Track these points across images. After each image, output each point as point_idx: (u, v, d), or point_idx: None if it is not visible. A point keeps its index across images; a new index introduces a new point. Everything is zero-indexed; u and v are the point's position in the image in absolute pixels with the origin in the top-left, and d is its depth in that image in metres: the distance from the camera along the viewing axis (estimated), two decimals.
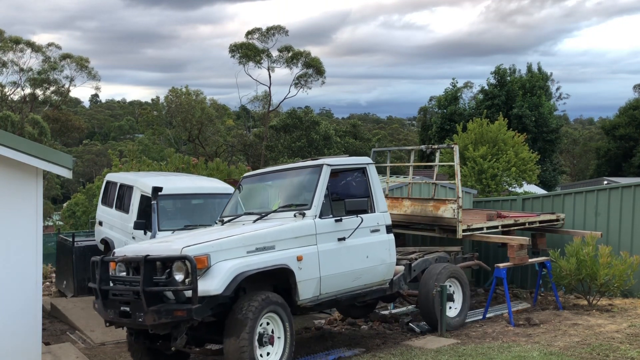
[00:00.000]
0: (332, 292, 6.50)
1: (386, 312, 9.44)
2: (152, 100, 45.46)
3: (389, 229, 7.24)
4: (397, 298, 8.34)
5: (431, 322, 7.74)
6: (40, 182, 7.09)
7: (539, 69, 36.02)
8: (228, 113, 53.76)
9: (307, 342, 7.83)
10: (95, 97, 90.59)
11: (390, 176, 10.90)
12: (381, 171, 15.04)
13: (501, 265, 8.26)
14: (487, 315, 8.47)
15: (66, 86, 42.66)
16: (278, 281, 6.17)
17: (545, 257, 8.89)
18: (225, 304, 5.72)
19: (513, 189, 21.59)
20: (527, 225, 9.89)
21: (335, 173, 6.98)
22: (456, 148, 9.05)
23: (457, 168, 8.76)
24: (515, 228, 9.82)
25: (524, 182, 22.00)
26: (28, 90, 41.68)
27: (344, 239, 6.61)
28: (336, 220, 6.59)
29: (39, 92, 41.91)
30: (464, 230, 8.79)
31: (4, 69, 39.88)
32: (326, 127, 34.61)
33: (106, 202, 11.91)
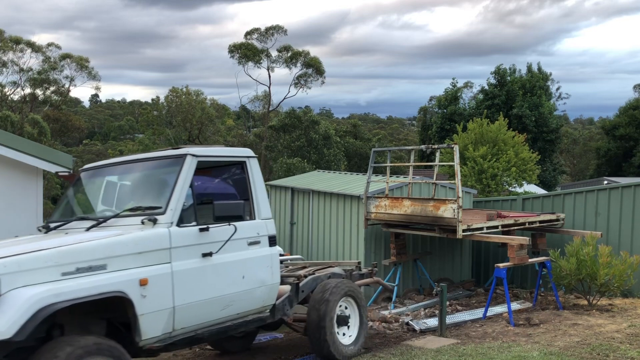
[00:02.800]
0: (191, 327, 4.98)
1: (386, 312, 9.44)
2: (152, 100, 45.43)
3: (272, 241, 5.80)
4: (280, 325, 6.76)
5: (323, 354, 6.20)
6: (40, 182, 7.10)
7: (539, 68, 36.01)
8: (228, 113, 53.81)
9: (307, 341, 7.82)
10: (95, 97, 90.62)
11: (390, 176, 10.90)
12: (381, 171, 15.07)
13: (501, 265, 8.27)
14: (487, 315, 8.47)
15: (66, 86, 42.69)
16: (115, 313, 4.59)
17: (545, 257, 8.90)
18: (31, 348, 4.02)
19: (513, 189, 21.57)
20: (527, 225, 9.91)
21: (204, 168, 5.75)
22: (456, 148, 9.05)
23: (457, 168, 8.76)
24: (515, 228, 9.84)
25: (524, 182, 21.99)
26: (28, 90, 41.72)
27: (210, 254, 5.09)
28: (201, 230, 5.05)
29: (39, 92, 41.92)
30: (464, 230, 8.80)
31: (4, 69, 39.91)
32: (326, 126, 34.56)
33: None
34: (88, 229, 4.99)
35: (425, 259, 11.08)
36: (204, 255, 5.08)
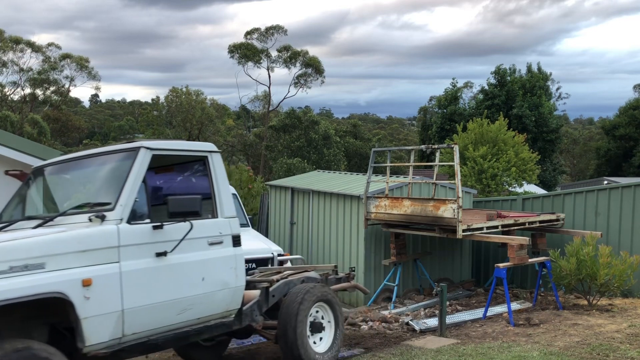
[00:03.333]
0: (143, 332, 4.63)
1: (386, 312, 9.44)
2: (152, 100, 45.50)
3: (236, 241, 5.49)
4: (252, 334, 6.34)
5: None
6: None
7: (539, 68, 36.03)
8: (228, 113, 53.83)
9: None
10: (95, 97, 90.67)
11: (390, 176, 10.90)
12: (381, 171, 15.07)
13: (501, 265, 8.27)
14: (487, 315, 8.47)
15: (66, 86, 42.76)
16: (58, 317, 4.30)
17: (545, 257, 8.90)
18: None
19: (513, 189, 21.58)
20: (527, 225, 9.91)
21: (161, 163, 5.50)
22: (456, 148, 9.05)
23: (457, 168, 8.76)
24: (515, 228, 9.84)
25: (524, 182, 22.00)
26: (28, 90, 41.78)
27: (165, 253, 4.79)
28: (155, 227, 4.76)
29: (39, 92, 41.98)
30: (464, 230, 8.80)
31: (4, 69, 39.94)
32: (326, 126, 34.58)
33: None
34: (34, 228, 4.68)
35: (425, 259, 11.08)
36: (158, 254, 4.76)
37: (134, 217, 4.66)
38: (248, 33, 39.13)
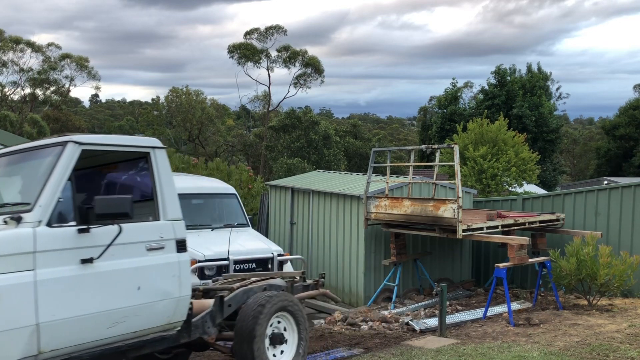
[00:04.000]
0: (65, 349, 4.14)
1: (386, 312, 9.44)
2: (152, 100, 45.52)
3: (181, 246, 4.97)
4: (208, 348, 5.90)
5: None
6: None
7: (539, 68, 36.04)
8: (228, 113, 53.84)
9: None
10: (95, 97, 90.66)
11: (391, 176, 10.90)
12: (381, 171, 15.06)
13: (501, 265, 8.27)
14: (487, 315, 8.47)
15: (66, 86, 42.78)
16: None
17: (545, 257, 8.90)
18: None
19: (513, 189, 21.58)
20: (527, 225, 9.91)
21: (99, 160, 5.04)
22: (456, 148, 9.05)
23: (457, 168, 8.76)
24: (515, 228, 9.84)
25: (524, 182, 22.00)
26: (28, 90, 41.80)
27: (91, 260, 4.30)
28: (80, 231, 4.28)
29: (39, 92, 42.00)
30: (464, 230, 8.80)
31: (4, 69, 39.96)
32: (326, 126, 34.58)
33: None
34: None
35: (425, 259, 11.08)
36: (84, 261, 4.26)
37: (56, 219, 4.19)
38: (247, 33, 39.14)
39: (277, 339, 5.58)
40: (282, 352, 5.61)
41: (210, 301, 5.50)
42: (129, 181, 5.25)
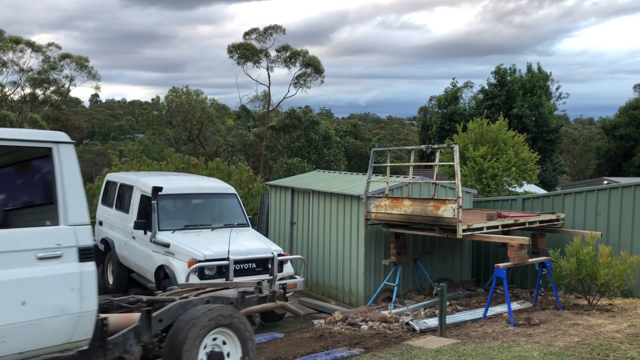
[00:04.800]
0: None
1: (386, 312, 9.44)
2: (152, 100, 45.51)
3: (84, 255, 4.37)
4: None
5: None
6: None
7: (539, 68, 36.06)
8: (228, 113, 53.82)
9: (307, 341, 7.83)
10: (95, 97, 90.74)
11: (391, 176, 10.90)
12: (381, 171, 15.06)
13: (501, 265, 8.27)
14: (487, 315, 8.47)
15: (66, 86, 42.74)
16: None
17: (545, 257, 8.90)
18: None
19: (513, 189, 21.58)
20: (527, 225, 9.91)
21: (17, 162, 4.68)
22: (456, 148, 9.05)
23: (457, 168, 8.76)
24: (516, 228, 9.84)
25: (524, 182, 22.00)
26: (28, 90, 41.76)
27: None
28: None
29: (39, 92, 41.96)
30: (464, 230, 8.80)
31: (4, 69, 39.94)
32: (326, 126, 34.56)
33: (106, 202, 11.95)
34: None
35: (425, 259, 11.08)
36: None
37: None
38: (247, 33, 39.07)
39: (216, 358, 5.07)
40: None
41: (134, 316, 4.95)
42: (24, 181, 4.73)
